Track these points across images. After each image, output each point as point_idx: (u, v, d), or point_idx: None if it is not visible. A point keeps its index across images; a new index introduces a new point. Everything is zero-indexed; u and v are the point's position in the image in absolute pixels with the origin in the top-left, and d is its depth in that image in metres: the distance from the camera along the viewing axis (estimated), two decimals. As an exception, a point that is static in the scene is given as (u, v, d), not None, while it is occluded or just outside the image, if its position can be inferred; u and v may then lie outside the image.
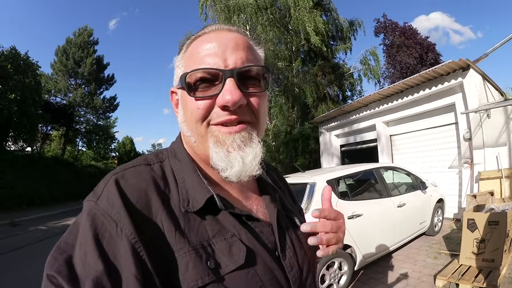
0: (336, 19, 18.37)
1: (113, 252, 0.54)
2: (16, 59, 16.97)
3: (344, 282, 4.04)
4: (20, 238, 8.55)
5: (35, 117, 19.16)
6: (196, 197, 0.64)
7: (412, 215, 5.31)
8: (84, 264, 0.52)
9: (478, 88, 6.90)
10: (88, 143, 31.18)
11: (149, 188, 0.63)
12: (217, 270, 0.59)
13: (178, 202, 0.64)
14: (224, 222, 0.66)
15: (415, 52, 21.84)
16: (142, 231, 0.56)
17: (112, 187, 0.60)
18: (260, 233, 0.70)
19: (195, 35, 0.73)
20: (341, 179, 4.61)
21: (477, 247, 3.92)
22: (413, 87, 8.35)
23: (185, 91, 0.66)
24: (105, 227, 0.55)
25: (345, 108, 11.44)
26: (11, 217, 11.54)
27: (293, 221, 0.84)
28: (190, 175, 0.68)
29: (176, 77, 0.73)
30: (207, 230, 0.63)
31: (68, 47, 28.24)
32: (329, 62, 17.99)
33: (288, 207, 0.89)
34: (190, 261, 0.57)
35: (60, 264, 0.52)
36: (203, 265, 0.58)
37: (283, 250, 0.72)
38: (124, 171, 0.65)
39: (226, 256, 0.61)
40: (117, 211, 0.56)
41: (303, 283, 0.75)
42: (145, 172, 0.66)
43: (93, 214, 0.57)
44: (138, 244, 0.55)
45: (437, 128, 8.30)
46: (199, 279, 0.57)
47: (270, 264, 0.67)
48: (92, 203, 0.59)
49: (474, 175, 6.90)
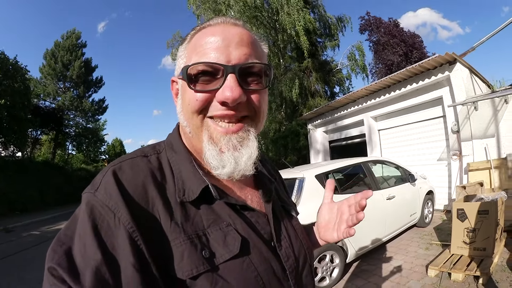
0: (324, 15, 18.41)
1: (111, 242, 0.55)
2: (5, 64, 16.74)
3: (337, 274, 4.08)
4: (15, 244, 8.44)
5: (24, 121, 18.90)
6: (192, 187, 0.65)
7: (401, 207, 5.36)
8: (83, 255, 0.53)
9: (465, 81, 6.98)
10: (78, 146, 30.75)
11: (146, 179, 0.63)
12: (212, 260, 0.60)
13: (174, 193, 0.64)
14: (220, 212, 0.66)
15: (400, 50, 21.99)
16: (139, 221, 0.57)
17: (109, 178, 0.61)
18: (256, 223, 0.71)
19: (200, 26, 0.72)
20: (330, 174, 4.64)
21: (468, 237, 3.98)
22: (400, 82, 8.42)
23: (186, 82, 0.66)
24: (103, 218, 0.56)
25: (333, 104, 11.51)
26: (4, 223, 11.37)
27: (288, 212, 0.87)
28: (186, 166, 0.69)
29: (178, 67, 0.73)
30: (202, 219, 0.64)
31: (57, 50, 27.80)
32: (317, 59, 18.03)
33: (283, 198, 0.91)
34: (185, 250, 0.58)
35: (60, 256, 0.53)
36: (198, 254, 0.59)
37: (279, 240, 0.73)
38: (122, 163, 0.65)
39: (221, 246, 0.62)
40: (114, 202, 0.57)
41: (300, 273, 0.75)
42: (142, 163, 0.67)
43: (91, 205, 0.58)
44: (135, 233, 0.55)
45: (425, 122, 8.37)
46: (194, 268, 0.57)
47: (266, 254, 0.68)
48: (90, 195, 0.59)
49: (463, 166, 6.99)
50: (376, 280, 4.05)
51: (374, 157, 7.94)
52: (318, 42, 18.64)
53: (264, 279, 0.64)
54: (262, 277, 0.64)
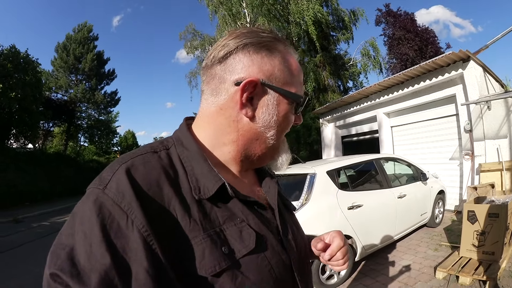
0: (337, 9, 18.12)
1: (121, 245, 0.52)
2: (16, 57, 16.98)
3: (345, 273, 4.06)
4: (23, 234, 8.58)
5: (36, 114, 19.24)
6: (207, 184, 0.65)
7: (412, 206, 5.30)
8: (89, 256, 0.50)
9: (479, 80, 6.86)
10: (90, 138, 31.15)
11: (160, 176, 0.62)
12: (231, 256, 0.60)
13: (189, 190, 0.64)
14: (233, 208, 0.67)
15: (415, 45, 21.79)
16: (155, 222, 0.55)
17: (122, 176, 0.58)
18: (265, 218, 0.73)
19: (284, 43, 0.76)
20: (342, 170, 4.60)
21: (477, 240, 3.90)
22: (413, 78, 8.32)
23: (292, 105, 0.75)
24: (112, 218, 0.53)
25: (346, 99, 11.43)
26: (14, 214, 11.54)
27: (289, 207, 0.93)
28: (199, 162, 0.68)
29: (270, 75, 0.70)
30: (217, 216, 0.64)
31: (68, 43, 28.18)
32: (330, 53, 17.79)
33: (283, 194, 0.93)
34: (206, 248, 0.58)
35: (63, 260, 0.50)
36: (219, 251, 0.59)
37: (285, 234, 0.76)
38: (133, 159, 0.63)
39: (238, 241, 0.63)
40: (128, 202, 0.55)
41: (302, 265, 0.78)
42: (153, 160, 0.65)
43: (100, 202, 0.55)
44: (150, 237, 0.53)
45: (438, 120, 8.25)
46: (216, 264, 0.58)
47: (276, 248, 0.70)
48: (99, 191, 0.56)
49: (475, 167, 6.89)
50: (384, 279, 4.02)
51: (386, 154, 7.90)
52: (331, 36, 18.41)
53: (276, 272, 0.66)
54: (274, 270, 0.66)
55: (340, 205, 4.07)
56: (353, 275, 4.23)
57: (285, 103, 0.72)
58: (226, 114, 0.71)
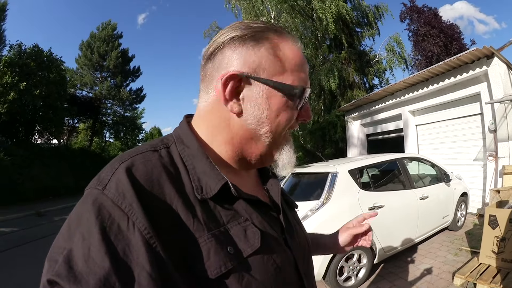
0: (361, 4, 17.92)
1: (122, 248, 0.50)
2: (39, 56, 17.55)
3: (363, 275, 4.02)
4: (44, 227, 8.87)
5: (61, 110, 19.77)
6: (209, 183, 0.63)
7: (434, 209, 5.17)
8: (87, 259, 0.47)
9: (503, 77, 6.65)
10: (116, 134, 31.58)
11: (161, 175, 0.60)
12: (237, 255, 0.59)
13: (191, 189, 0.62)
14: (236, 207, 0.66)
15: (440, 41, 21.35)
16: (157, 224, 0.54)
17: (122, 175, 0.56)
18: (269, 217, 0.73)
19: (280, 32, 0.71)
20: (364, 169, 4.57)
21: (497, 246, 3.77)
22: (438, 75, 8.14)
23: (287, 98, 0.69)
24: (112, 219, 0.51)
25: (371, 97, 11.27)
26: (37, 207, 11.88)
27: (291, 205, 0.92)
28: (201, 161, 0.66)
29: (257, 67, 0.67)
30: (221, 215, 0.63)
31: (92, 41, 28.69)
32: (355, 49, 17.59)
33: (284, 191, 0.93)
34: (211, 248, 0.57)
35: (60, 264, 0.48)
36: (224, 251, 0.58)
37: (289, 233, 0.76)
38: (133, 158, 0.61)
39: (243, 241, 0.62)
40: (128, 203, 0.53)
41: (306, 263, 0.79)
42: (154, 158, 0.63)
43: (99, 204, 0.52)
44: (153, 239, 0.52)
45: (463, 119, 8.06)
46: (222, 265, 0.56)
47: (281, 246, 0.70)
48: (98, 192, 0.54)
49: (499, 169, 6.68)
50: (402, 284, 3.95)
51: (409, 154, 7.75)
52: (356, 32, 18.17)
53: (282, 270, 0.66)
54: (280, 268, 0.65)
55: (361, 205, 4.03)
56: (371, 277, 4.18)
57: (277, 96, 0.67)
58: (217, 113, 0.70)
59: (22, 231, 8.45)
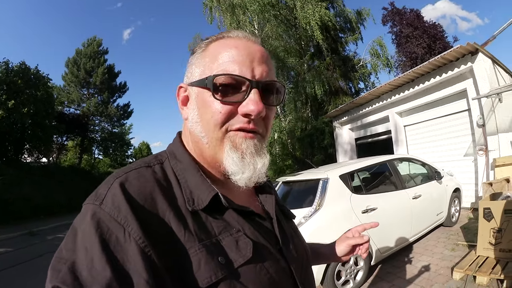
0: (343, 10, 18.10)
1: (121, 257, 0.52)
2: (26, 73, 17.44)
3: (361, 277, 4.00)
4: (38, 247, 8.74)
5: (49, 128, 19.69)
6: (201, 195, 0.65)
7: (428, 206, 5.21)
8: (90, 269, 0.50)
9: (489, 72, 6.75)
10: (104, 150, 31.51)
11: (154, 189, 0.62)
12: (228, 265, 0.60)
13: (183, 202, 0.64)
14: (228, 219, 0.67)
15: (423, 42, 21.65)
16: (151, 234, 0.56)
17: (117, 190, 0.59)
18: (263, 228, 0.73)
19: (217, 36, 0.73)
20: (354, 173, 4.57)
21: (494, 237, 3.79)
22: (423, 75, 8.23)
23: (209, 92, 0.66)
24: (111, 232, 0.54)
25: (357, 101, 11.33)
26: (30, 227, 11.74)
27: (287, 215, 0.92)
28: (192, 174, 0.69)
29: (190, 74, 0.73)
30: (213, 227, 0.64)
31: (78, 58, 28.58)
32: (339, 55, 17.71)
33: (280, 202, 0.93)
34: (202, 258, 0.58)
35: (64, 273, 0.50)
36: (215, 261, 0.59)
37: (284, 243, 0.75)
38: (127, 174, 0.63)
39: (234, 251, 0.62)
40: (123, 216, 0.55)
41: (303, 273, 0.79)
42: (147, 174, 0.65)
43: (98, 218, 0.55)
44: (147, 248, 0.54)
45: (451, 116, 8.14)
46: (213, 275, 0.57)
47: (275, 256, 0.70)
48: (95, 207, 0.57)
49: (490, 162, 6.75)
50: (401, 283, 3.95)
51: (399, 154, 7.81)
52: (340, 38, 18.35)
53: (276, 280, 0.66)
54: (274, 278, 0.66)
55: (354, 209, 4.03)
56: (369, 279, 4.16)
57: (203, 93, 0.68)
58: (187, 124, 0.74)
59: (16, 251, 8.38)
